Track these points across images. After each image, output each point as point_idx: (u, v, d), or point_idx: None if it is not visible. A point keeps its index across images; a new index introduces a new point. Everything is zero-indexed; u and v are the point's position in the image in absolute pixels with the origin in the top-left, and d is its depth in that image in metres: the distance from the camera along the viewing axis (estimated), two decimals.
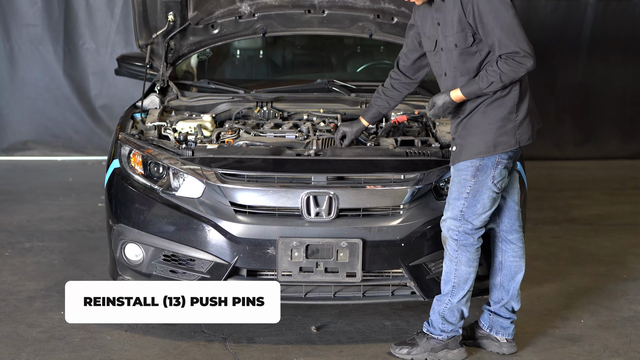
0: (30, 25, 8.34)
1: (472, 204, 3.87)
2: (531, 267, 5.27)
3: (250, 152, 4.28)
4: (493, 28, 3.73)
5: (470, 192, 3.86)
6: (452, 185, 3.93)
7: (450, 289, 3.96)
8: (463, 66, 3.86)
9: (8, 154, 8.52)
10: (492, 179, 3.85)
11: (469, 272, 3.93)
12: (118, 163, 4.36)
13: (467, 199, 3.86)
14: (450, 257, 3.94)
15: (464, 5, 3.77)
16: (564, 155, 9.03)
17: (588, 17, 8.83)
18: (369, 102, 4.76)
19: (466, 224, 3.89)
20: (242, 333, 4.31)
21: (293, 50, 6.24)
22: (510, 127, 3.83)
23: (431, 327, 4.04)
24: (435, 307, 4.02)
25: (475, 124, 3.85)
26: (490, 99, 3.82)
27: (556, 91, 8.97)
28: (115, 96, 8.48)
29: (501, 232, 4.07)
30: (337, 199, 4.05)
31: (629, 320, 4.61)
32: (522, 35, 3.76)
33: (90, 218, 6.34)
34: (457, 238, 3.91)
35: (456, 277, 3.94)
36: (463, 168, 3.87)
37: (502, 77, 3.74)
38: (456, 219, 3.90)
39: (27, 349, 4.13)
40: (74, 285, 4.09)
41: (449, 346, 4.02)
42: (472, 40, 3.81)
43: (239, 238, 4.05)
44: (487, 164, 3.83)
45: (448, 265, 3.95)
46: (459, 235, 3.90)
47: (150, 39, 5.12)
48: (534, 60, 3.75)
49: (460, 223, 3.89)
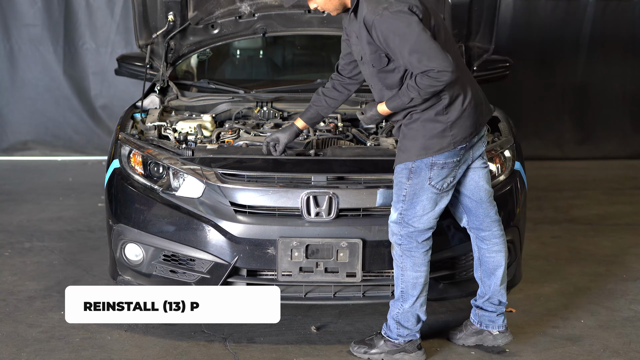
0: (30, 26, 8.34)
1: (410, 207, 3.84)
2: (531, 267, 5.28)
3: (250, 152, 4.29)
4: (401, 51, 3.64)
5: (407, 195, 3.84)
6: (393, 189, 3.91)
7: (400, 294, 3.94)
8: (385, 82, 3.82)
9: (8, 154, 8.52)
10: (429, 180, 3.80)
11: (416, 277, 3.89)
12: (118, 163, 4.36)
13: (404, 201, 3.84)
14: (396, 262, 3.92)
15: (369, 30, 3.69)
16: (564, 155, 9.03)
17: (588, 16, 8.83)
18: (368, 102, 4.77)
19: (407, 227, 3.85)
20: (242, 333, 4.31)
21: (293, 50, 6.24)
22: (440, 130, 3.77)
23: (388, 330, 4.02)
24: (391, 311, 4.00)
25: (408, 128, 3.82)
26: (419, 104, 3.77)
27: (556, 91, 8.97)
28: (115, 96, 8.48)
29: (472, 229, 4.05)
30: (337, 199, 4.05)
31: (629, 320, 4.61)
32: (435, 52, 3.60)
33: (90, 218, 6.34)
34: (401, 242, 3.88)
35: (403, 283, 3.91)
36: (399, 171, 3.86)
37: (421, 93, 3.67)
38: (397, 222, 3.87)
39: (27, 349, 4.13)
40: (74, 290, 4.09)
41: (407, 349, 3.99)
42: (387, 61, 3.76)
43: (239, 238, 4.05)
44: (420, 166, 3.79)
45: (395, 271, 3.93)
46: (402, 240, 3.87)
47: (150, 39, 5.13)
48: (451, 72, 3.60)
49: (401, 227, 3.86)
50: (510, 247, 4.32)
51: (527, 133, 8.35)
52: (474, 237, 4.07)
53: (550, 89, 8.95)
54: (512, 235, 4.32)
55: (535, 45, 8.81)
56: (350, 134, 4.67)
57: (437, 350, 4.19)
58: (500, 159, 4.43)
